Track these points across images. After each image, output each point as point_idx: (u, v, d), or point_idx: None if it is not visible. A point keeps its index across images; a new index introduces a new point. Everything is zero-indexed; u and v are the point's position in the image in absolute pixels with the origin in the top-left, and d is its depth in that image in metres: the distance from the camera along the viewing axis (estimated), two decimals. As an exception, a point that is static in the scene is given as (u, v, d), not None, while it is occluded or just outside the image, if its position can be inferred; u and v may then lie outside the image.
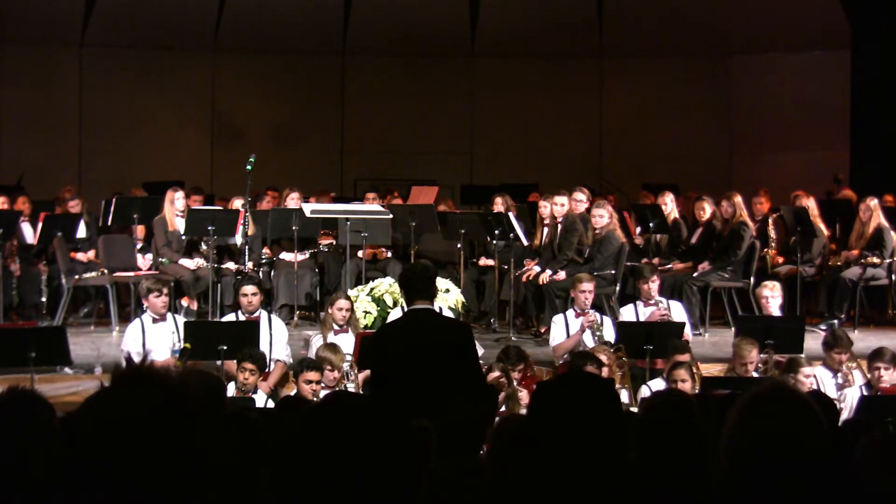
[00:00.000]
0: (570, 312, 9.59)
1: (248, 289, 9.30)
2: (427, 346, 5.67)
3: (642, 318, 9.70)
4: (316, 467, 2.00)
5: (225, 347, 8.39)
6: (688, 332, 9.55)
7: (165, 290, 9.03)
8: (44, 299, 11.60)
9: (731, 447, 2.66)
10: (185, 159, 16.84)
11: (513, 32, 17.67)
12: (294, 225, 11.30)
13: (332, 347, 8.46)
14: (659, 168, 16.62)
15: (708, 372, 8.87)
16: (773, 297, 9.79)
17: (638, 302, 9.91)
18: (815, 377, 8.27)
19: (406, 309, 6.08)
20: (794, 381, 7.97)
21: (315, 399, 7.49)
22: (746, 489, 2.63)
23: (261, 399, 8.03)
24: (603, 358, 8.15)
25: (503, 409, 7.16)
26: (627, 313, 9.88)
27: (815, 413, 2.69)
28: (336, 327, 9.14)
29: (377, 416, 2.07)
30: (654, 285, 9.82)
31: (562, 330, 9.43)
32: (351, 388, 8.34)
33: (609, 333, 9.37)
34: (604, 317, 9.67)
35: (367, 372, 7.15)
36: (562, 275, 10.59)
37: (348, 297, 9.49)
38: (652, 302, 9.79)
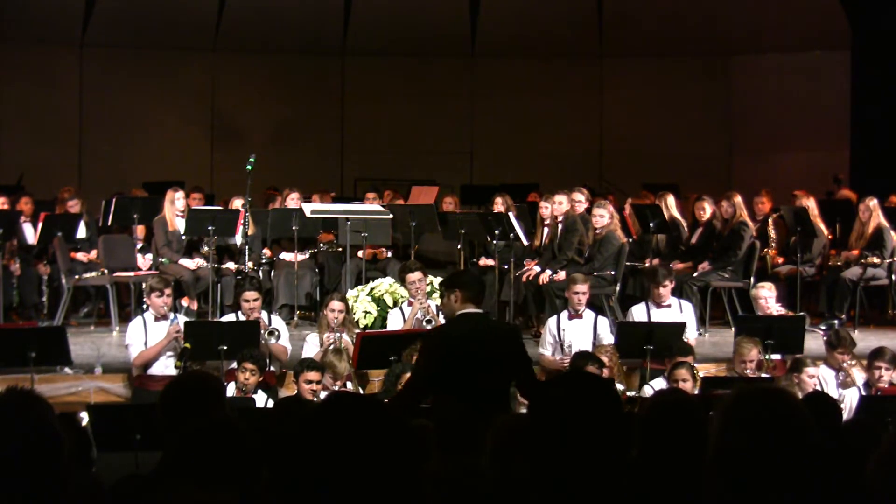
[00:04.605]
0: (564, 314, 9.55)
1: (250, 295, 9.20)
2: (481, 347, 5.89)
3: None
4: (317, 466, 2.00)
5: (225, 347, 8.39)
6: (691, 333, 9.52)
7: (167, 291, 9.00)
8: (44, 299, 11.60)
9: (718, 447, 2.66)
10: (185, 159, 16.84)
11: (513, 32, 17.67)
12: (294, 225, 11.30)
13: (339, 354, 8.31)
14: (659, 168, 16.60)
15: (708, 372, 8.87)
16: (770, 297, 9.78)
17: (650, 303, 9.86)
18: (818, 377, 8.27)
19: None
20: (798, 380, 7.99)
21: (315, 399, 7.47)
22: (737, 489, 2.63)
23: (261, 399, 8.02)
24: (604, 359, 8.15)
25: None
26: (639, 314, 9.83)
27: (803, 412, 2.68)
28: (331, 328, 9.07)
29: (378, 416, 2.07)
30: (666, 290, 9.75)
31: (551, 338, 9.40)
32: (349, 387, 8.33)
33: (607, 334, 9.36)
34: (601, 317, 9.65)
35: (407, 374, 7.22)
36: (562, 275, 10.57)
37: (342, 299, 9.37)
38: (665, 304, 9.75)
